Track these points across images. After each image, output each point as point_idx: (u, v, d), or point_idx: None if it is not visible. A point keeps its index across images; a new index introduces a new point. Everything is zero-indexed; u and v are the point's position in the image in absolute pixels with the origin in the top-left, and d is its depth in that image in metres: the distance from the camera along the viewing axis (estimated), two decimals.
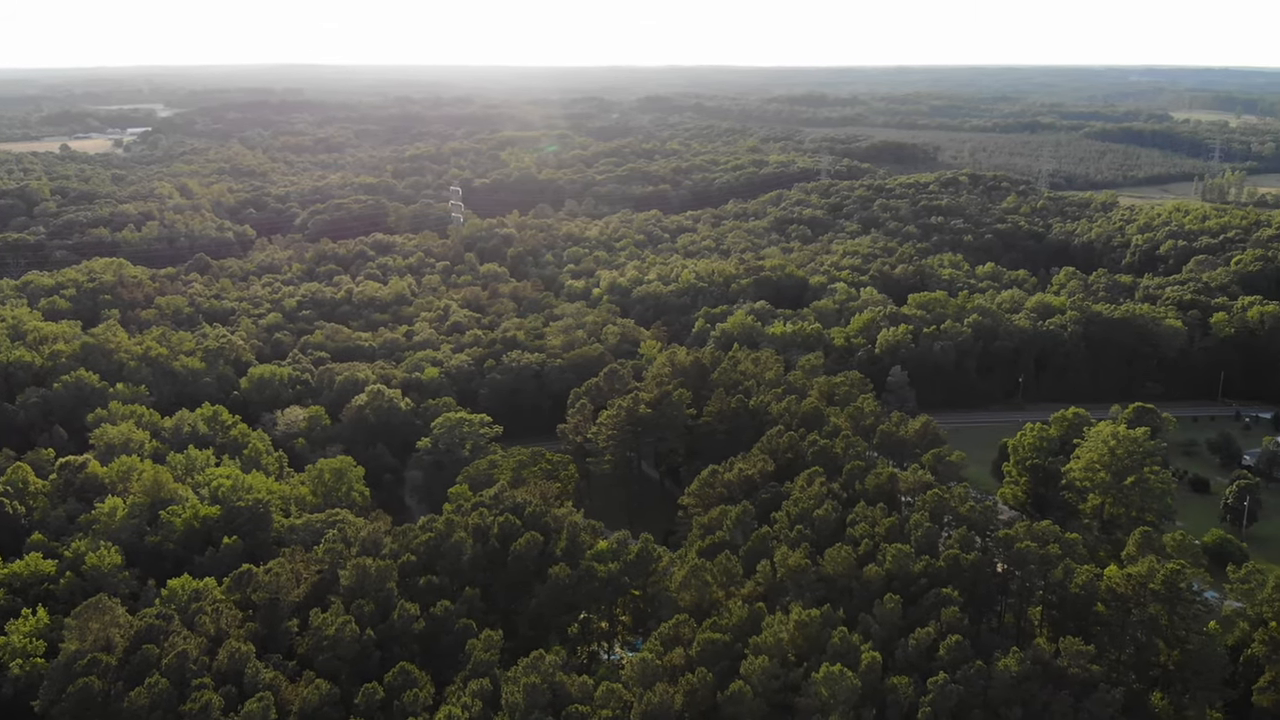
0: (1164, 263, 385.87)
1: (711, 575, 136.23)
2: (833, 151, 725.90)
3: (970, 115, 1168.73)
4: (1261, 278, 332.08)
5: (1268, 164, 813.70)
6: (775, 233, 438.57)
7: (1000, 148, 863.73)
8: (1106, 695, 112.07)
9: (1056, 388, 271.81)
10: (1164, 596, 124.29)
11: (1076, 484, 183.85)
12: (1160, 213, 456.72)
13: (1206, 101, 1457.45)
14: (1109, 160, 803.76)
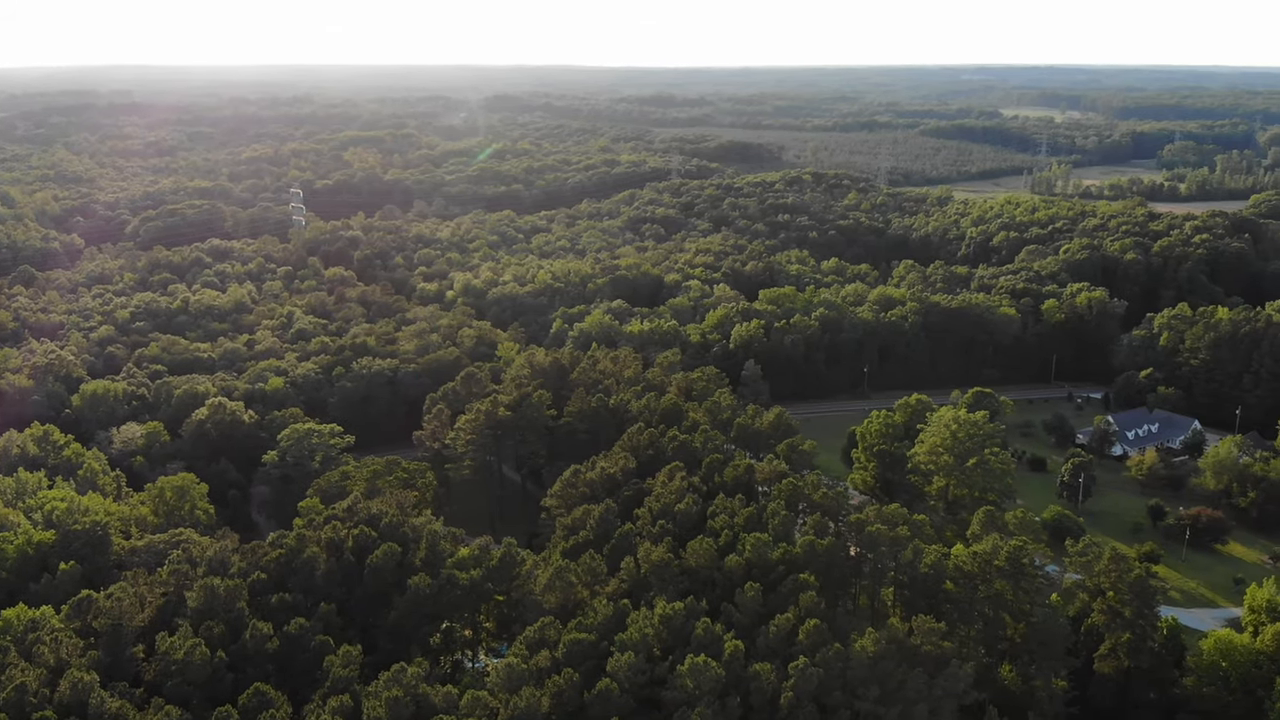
0: (997, 253, 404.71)
1: (576, 575, 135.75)
2: (683, 151, 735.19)
3: (812, 115, 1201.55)
4: (1088, 265, 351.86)
5: (1091, 157, 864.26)
6: (629, 232, 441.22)
7: (841, 146, 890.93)
8: (958, 670, 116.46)
9: (900, 376, 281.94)
10: (1008, 572, 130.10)
11: (922, 467, 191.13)
12: (993, 206, 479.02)
13: (1033, 99, 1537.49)
14: (944, 156, 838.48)
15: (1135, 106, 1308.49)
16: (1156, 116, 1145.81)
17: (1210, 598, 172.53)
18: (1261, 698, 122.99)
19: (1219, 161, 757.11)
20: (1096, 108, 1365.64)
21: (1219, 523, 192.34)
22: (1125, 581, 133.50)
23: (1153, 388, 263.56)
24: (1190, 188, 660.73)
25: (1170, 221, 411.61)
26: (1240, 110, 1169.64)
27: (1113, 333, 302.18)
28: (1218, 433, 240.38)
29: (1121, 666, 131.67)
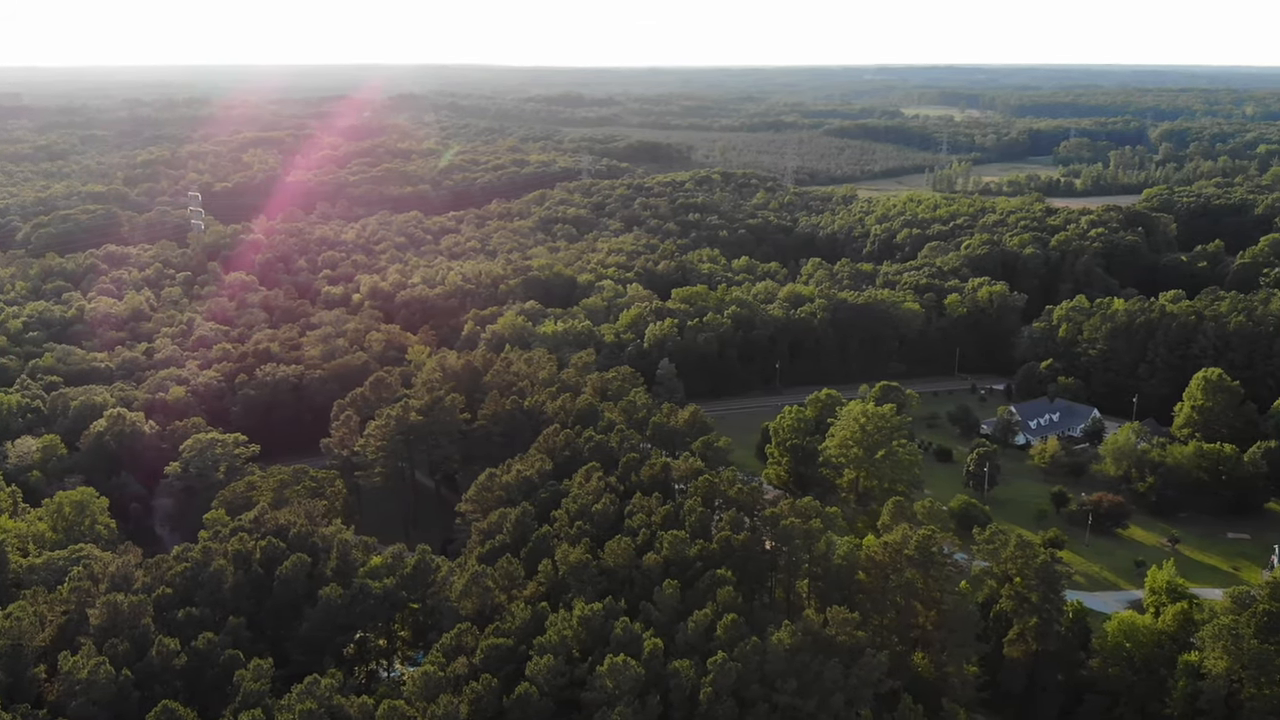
0: (901, 250, 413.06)
1: (493, 580, 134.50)
2: (592, 151, 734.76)
3: (719, 115, 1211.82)
4: (988, 260, 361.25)
5: (990, 155, 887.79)
6: (541, 232, 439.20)
7: (748, 146, 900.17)
8: (872, 659, 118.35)
9: (810, 371, 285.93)
10: (918, 561, 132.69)
11: (833, 460, 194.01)
12: (896, 204, 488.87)
13: (934, 98, 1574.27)
14: (848, 155, 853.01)
15: (1032, 105, 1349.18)
16: (1052, 114, 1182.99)
17: (1113, 581, 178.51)
18: (1164, 676, 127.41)
19: (1112, 157, 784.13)
20: (995, 106, 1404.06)
21: (1120, 508, 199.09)
22: (1031, 567, 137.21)
23: (1053, 378, 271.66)
24: (1085, 183, 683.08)
25: (1067, 216, 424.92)
26: (1132, 107, 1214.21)
27: (1014, 325, 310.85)
28: (1116, 420, 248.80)
29: (1030, 650, 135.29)
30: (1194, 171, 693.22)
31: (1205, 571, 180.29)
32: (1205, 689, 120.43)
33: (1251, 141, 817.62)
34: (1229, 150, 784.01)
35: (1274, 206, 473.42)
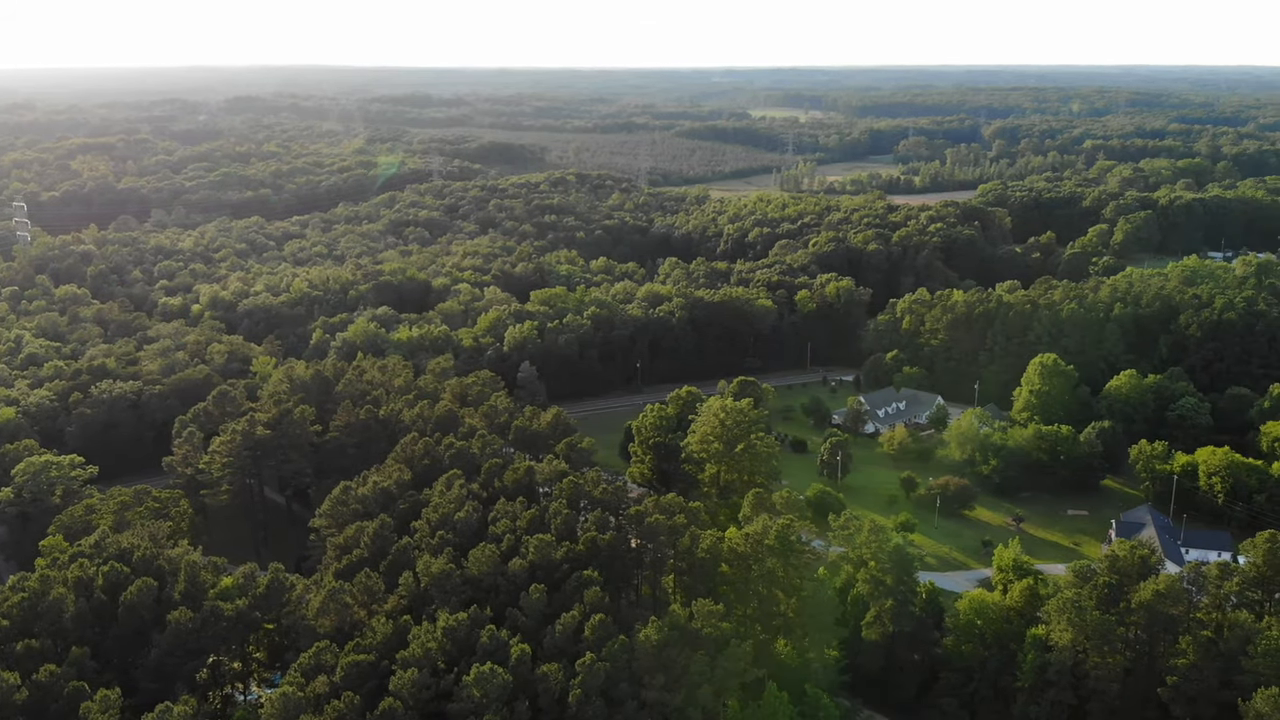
0: (753, 248, 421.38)
1: (351, 596, 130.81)
2: (443, 152, 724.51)
3: (571, 116, 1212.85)
4: (835, 257, 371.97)
5: (833, 154, 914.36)
6: (392, 235, 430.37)
7: (601, 147, 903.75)
8: (738, 649, 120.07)
9: (670, 369, 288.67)
10: (779, 550, 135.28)
11: (695, 456, 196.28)
12: (746, 203, 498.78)
13: (779, 99, 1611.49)
14: (699, 156, 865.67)
15: (872, 105, 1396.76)
16: (891, 114, 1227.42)
17: (962, 561, 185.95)
18: (1014, 650, 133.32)
19: (949, 155, 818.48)
20: (837, 107, 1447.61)
21: (965, 490, 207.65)
22: (885, 551, 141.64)
23: (899, 368, 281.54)
24: (924, 180, 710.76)
25: (907, 213, 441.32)
26: (966, 106, 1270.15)
27: (860, 319, 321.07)
28: (959, 406, 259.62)
29: (887, 632, 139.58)
30: (1026, 167, 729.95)
31: (1048, 548, 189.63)
32: (1053, 660, 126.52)
33: (1078, 137, 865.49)
34: (1058, 146, 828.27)
35: (1100, 199, 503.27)
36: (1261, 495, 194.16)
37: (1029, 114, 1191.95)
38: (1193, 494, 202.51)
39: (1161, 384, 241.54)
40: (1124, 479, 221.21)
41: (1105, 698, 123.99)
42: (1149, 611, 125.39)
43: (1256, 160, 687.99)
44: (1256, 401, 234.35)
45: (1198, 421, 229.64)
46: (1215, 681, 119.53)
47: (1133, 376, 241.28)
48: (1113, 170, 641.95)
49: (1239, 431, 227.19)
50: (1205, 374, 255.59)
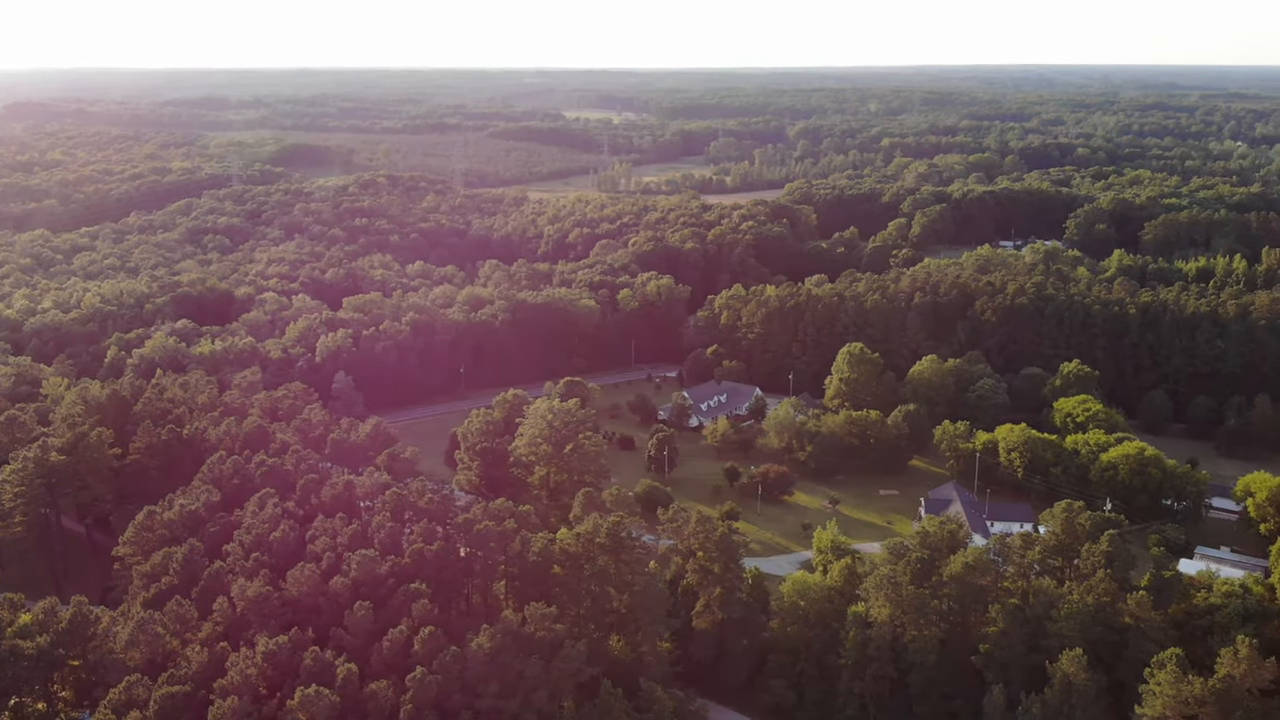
0: (574, 249, 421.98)
1: (163, 625, 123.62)
2: (242, 156, 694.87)
3: (380, 117, 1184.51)
4: (654, 256, 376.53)
5: (648, 155, 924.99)
6: (190, 244, 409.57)
7: (413, 149, 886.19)
8: (572, 650, 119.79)
9: (495, 373, 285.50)
10: (609, 548, 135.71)
11: (523, 459, 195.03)
12: (565, 204, 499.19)
13: (592, 100, 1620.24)
14: (515, 158, 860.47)
15: (683, 107, 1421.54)
16: (701, 116, 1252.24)
17: (785, 545, 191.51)
18: (837, 629, 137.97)
19: (757, 155, 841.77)
20: (649, 109, 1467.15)
21: (785, 477, 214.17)
22: (712, 540, 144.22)
23: (719, 362, 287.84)
24: (735, 180, 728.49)
25: (721, 212, 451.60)
26: (771, 108, 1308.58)
27: (681, 316, 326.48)
28: (776, 397, 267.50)
29: (716, 620, 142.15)
30: (829, 165, 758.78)
31: (863, 528, 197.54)
32: (873, 636, 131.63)
33: (877, 135, 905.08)
34: (858, 144, 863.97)
35: (899, 194, 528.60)
36: (1057, 468, 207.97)
37: (830, 114, 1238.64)
38: (994, 469, 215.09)
39: (961, 367, 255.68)
40: (930, 458, 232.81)
41: (924, 668, 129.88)
42: (959, 583, 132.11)
43: (1041, 154, 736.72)
44: (1049, 380, 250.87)
45: (996, 401, 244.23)
46: (1024, 646, 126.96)
47: (934, 361, 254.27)
48: (909, 166, 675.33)
49: (1034, 409, 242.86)
50: (1001, 356, 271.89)
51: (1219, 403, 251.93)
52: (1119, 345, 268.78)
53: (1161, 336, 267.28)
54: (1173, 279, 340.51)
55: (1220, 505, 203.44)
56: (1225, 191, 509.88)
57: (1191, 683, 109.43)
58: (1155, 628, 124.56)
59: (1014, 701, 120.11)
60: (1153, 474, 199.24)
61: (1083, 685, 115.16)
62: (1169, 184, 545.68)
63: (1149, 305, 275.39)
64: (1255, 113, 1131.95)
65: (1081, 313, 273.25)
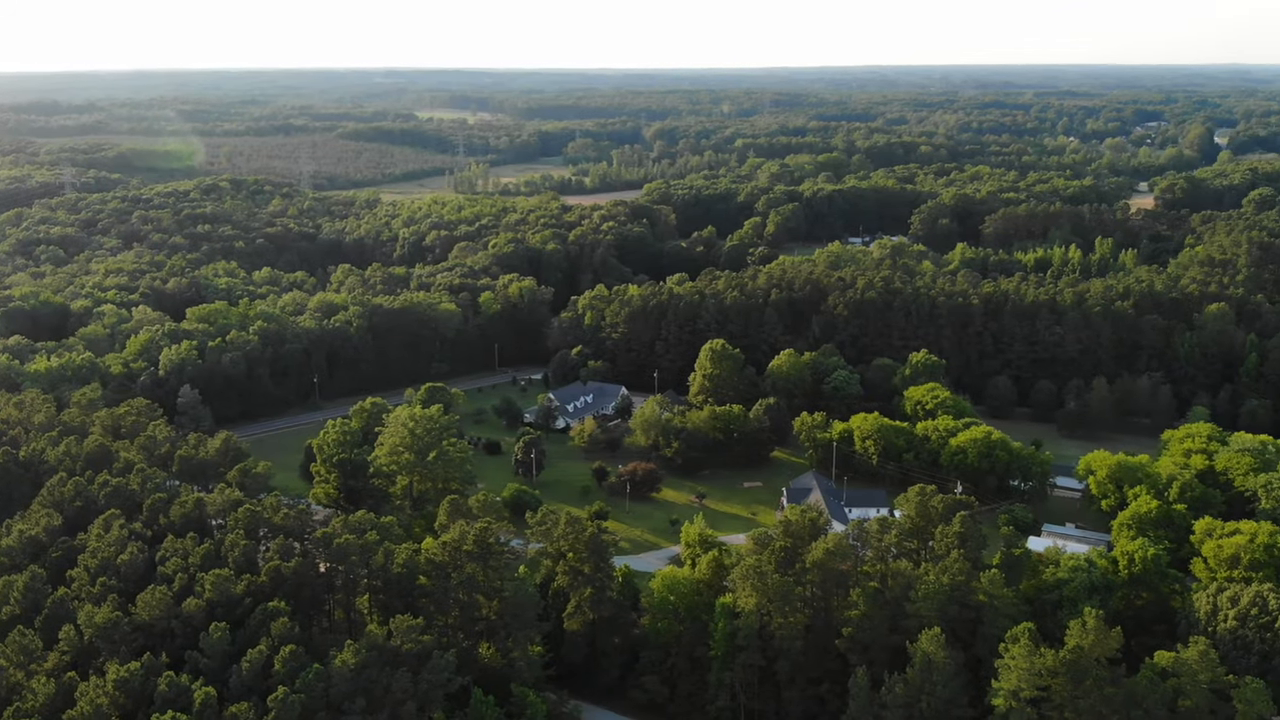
0: (431, 252, 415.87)
1: (5, 657, 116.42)
2: (75, 163, 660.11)
3: (222, 119, 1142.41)
4: (515, 257, 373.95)
5: (505, 156, 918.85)
6: (21, 256, 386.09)
7: (258, 151, 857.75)
8: (440, 660, 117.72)
9: (351, 381, 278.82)
10: (477, 555, 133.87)
11: (384, 469, 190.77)
12: (421, 206, 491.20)
13: (445, 101, 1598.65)
14: (366, 159, 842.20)
15: (538, 107, 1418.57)
16: (558, 116, 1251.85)
17: (654, 541, 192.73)
18: (706, 621, 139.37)
19: (615, 156, 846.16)
20: (504, 109, 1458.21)
21: (652, 474, 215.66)
22: (582, 541, 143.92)
23: (584, 362, 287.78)
24: (594, 181, 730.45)
25: (581, 213, 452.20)
26: (627, 109, 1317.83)
27: (544, 317, 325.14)
28: (642, 395, 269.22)
29: (588, 620, 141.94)
30: (685, 166, 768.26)
31: (729, 520, 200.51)
32: (741, 626, 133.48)
33: (730, 136, 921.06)
34: (713, 145, 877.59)
35: (753, 193, 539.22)
36: (909, 454, 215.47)
37: (685, 115, 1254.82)
38: (851, 457, 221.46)
39: (817, 360, 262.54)
40: (791, 449, 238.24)
41: (790, 655, 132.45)
42: (822, 569, 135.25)
43: (885, 152, 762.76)
44: (899, 370, 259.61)
45: (850, 392, 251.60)
46: (885, 627, 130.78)
47: (791, 355, 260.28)
48: (762, 167, 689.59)
49: (886, 398, 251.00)
50: (853, 348, 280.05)
51: (1059, 386, 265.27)
52: (964, 334, 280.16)
53: (1003, 325, 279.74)
54: (1013, 270, 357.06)
55: (1064, 484, 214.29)
56: (1060, 185, 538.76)
57: (1044, 655, 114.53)
58: (1008, 604, 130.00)
59: (878, 682, 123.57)
60: (1000, 456, 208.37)
61: (942, 663, 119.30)
62: (1007, 179, 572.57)
63: (991, 296, 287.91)
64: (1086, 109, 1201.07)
65: (928, 304, 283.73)
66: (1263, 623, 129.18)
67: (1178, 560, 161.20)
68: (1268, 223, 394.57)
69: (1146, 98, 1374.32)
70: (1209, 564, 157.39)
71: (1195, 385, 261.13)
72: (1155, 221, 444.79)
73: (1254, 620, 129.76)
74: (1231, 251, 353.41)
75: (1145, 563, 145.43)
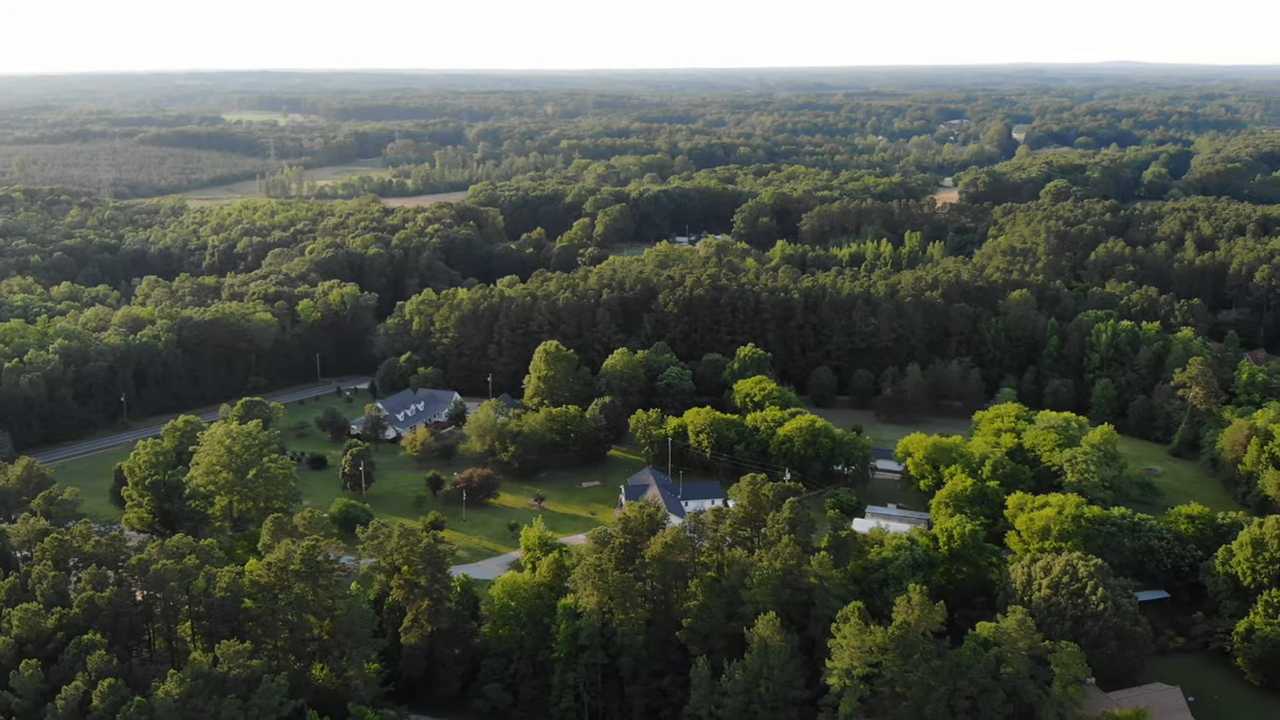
0: (244, 260, 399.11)
1: None
2: None
3: (12, 126, 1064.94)
4: (335, 263, 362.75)
5: (320, 158, 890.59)
6: None
7: (53, 159, 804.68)
8: (271, 685, 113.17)
9: (162, 399, 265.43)
10: (305, 574, 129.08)
11: (202, 490, 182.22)
12: (231, 212, 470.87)
13: (254, 102, 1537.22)
14: (170, 165, 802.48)
15: (354, 108, 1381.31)
16: (375, 117, 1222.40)
17: (493, 548, 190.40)
18: (548, 624, 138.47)
19: (437, 157, 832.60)
20: (318, 110, 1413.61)
21: (489, 479, 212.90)
22: (417, 553, 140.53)
23: (413, 369, 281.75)
24: (417, 183, 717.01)
25: (404, 215, 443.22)
26: (448, 110, 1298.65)
27: (369, 324, 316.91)
28: (475, 400, 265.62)
29: (426, 633, 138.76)
30: (511, 167, 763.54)
31: (569, 521, 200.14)
32: (583, 625, 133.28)
33: (555, 138, 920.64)
34: (538, 146, 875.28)
35: (581, 195, 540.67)
36: (740, 445, 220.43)
37: (508, 116, 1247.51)
38: (685, 452, 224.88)
39: (650, 358, 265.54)
40: (628, 447, 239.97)
41: (633, 650, 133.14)
42: (661, 563, 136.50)
43: (707, 153, 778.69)
44: (728, 364, 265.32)
45: (683, 388, 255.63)
46: (722, 616, 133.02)
47: (625, 354, 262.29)
48: (589, 168, 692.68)
49: (717, 392, 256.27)
50: (684, 345, 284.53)
51: (876, 374, 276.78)
52: (787, 328, 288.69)
53: (823, 317, 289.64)
54: (829, 264, 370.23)
55: (884, 466, 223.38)
56: (870, 182, 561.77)
57: (873, 632, 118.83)
58: (837, 585, 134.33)
59: (718, 670, 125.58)
60: (824, 443, 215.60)
61: (778, 646, 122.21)
62: (822, 178, 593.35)
63: (810, 290, 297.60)
64: (893, 109, 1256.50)
65: (752, 300, 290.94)
66: (1074, 589, 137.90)
67: (993, 534, 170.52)
68: (1063, 213, 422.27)
69: (949, 97, 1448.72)
70: (1022, 536, 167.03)
71: (1002, 368, 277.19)
72: (960, 215, 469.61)
73: (1066, 588, 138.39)
74: (1031, 241, 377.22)
75: (963, 538, 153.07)
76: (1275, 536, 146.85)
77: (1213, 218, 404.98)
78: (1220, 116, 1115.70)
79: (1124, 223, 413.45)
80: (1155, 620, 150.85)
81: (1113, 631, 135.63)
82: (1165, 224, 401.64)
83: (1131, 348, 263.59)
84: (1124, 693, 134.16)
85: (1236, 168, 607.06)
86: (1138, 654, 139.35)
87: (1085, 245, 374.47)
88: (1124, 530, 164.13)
